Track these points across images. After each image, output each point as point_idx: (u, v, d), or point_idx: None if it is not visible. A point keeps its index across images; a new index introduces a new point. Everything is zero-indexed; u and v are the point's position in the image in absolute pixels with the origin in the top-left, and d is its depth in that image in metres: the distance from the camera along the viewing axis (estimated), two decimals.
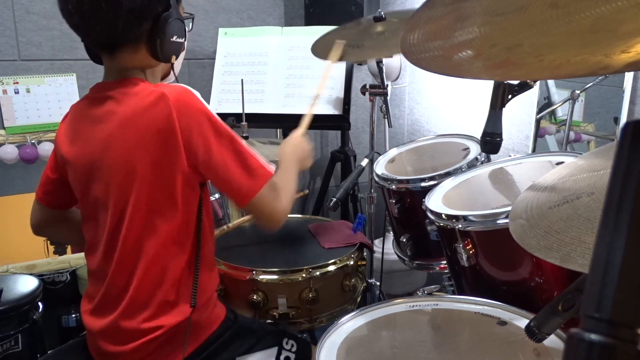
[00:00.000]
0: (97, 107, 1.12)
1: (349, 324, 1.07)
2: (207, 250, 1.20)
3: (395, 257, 1.78)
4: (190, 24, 1.23)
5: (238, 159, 1.09)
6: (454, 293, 1.39)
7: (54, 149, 1.23)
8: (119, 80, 1.12)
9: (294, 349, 1.30)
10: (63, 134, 1.18)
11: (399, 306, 1.13)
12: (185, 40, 1.17)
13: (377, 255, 2.07)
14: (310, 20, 2.56)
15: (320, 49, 1.75)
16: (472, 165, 1.54)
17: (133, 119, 1.07)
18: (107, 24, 1.04)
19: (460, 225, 1.20)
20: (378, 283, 1.95)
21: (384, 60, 1.88)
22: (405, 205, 1.60)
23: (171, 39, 1.11)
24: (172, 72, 1.23)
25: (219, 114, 1.45)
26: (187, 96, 1.08)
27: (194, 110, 1.07)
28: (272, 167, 1.16)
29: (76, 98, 2.33)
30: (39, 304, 1.72)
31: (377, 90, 1.87)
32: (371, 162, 1.75)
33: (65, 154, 1.17)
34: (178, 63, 1.20)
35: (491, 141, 1.22)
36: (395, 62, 2.30)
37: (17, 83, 2.23)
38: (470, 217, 1.19)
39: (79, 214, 1.31)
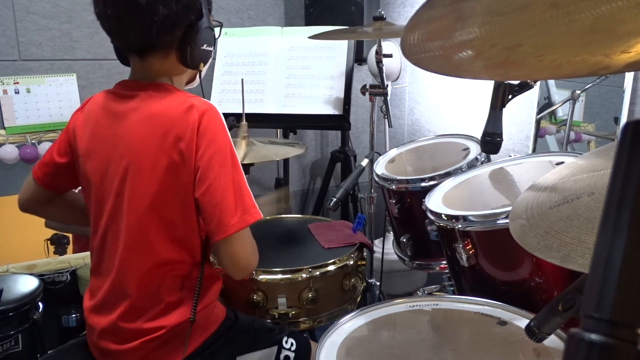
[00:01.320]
0: (122, 104, 1.13)
1: (349, 324, 1.07)
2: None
3: (395, 257, 1.78)
4: (219, 31, 1.24)
5: (237, 191, 1.09)
6: (454, 293, 1.39)
7: (65, 134, 1.22)
8: (151, 83, 1.13)
9: (293, 348, 1.30)
10: (81, 125, 1.18)
11: (399, 306, 1.13)
12: (214, 48, 1.18)
13: (377, 255, 2.07)
14: (310, 20, 2.56)
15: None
16: (472, 165, 1.54)
17: (157, 119, 1.08)
18: (142, 30, 1.06)
19: (460, 226, 1.20)
20: (378, 283, 1.95)
21: (384, 61, 1.88)
22: (405, 205, 1.60)
23: (201, 47, 1.13)
24: (197, 77, 1.25)
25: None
26: (214, 115, 1.10)
27: (216, 131, 1.08)
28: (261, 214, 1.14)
29: (76, 98, 2.33)
30: (39, 304, 1.72)
31: (377, 90, 1.87)
32: (371, 162, 1.75)
33: (81, 148, 1.16)
34: (204, 70, 1.22)
35: (491, 141, 1.22)
36: (396, 62, 2.30)
37: (18, 83, 2.23)
38: (470, 217, 1.19)
39: (70, 194, 1.32)
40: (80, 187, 1.25)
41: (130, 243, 1.11)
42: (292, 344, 1.30)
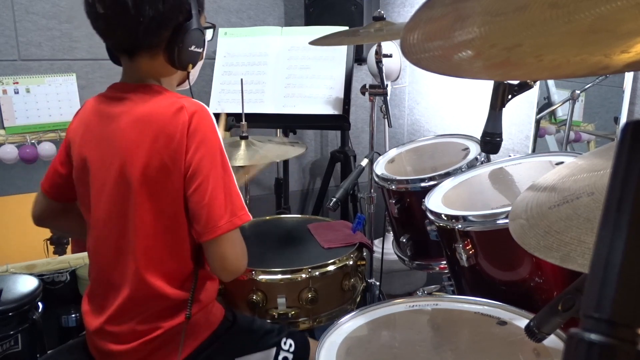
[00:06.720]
0: (112, 106, 1.13)
1: (349, 324, 1.07)
2: None
3: (395, 257, 1.78)
4: (212, 33, 1.24)
5: (227, 193, 1.08)
6: (453, 293, 1.39)
7: (65, 143, 1.23)
8: (140, 85, 1.13)
9: (292, 349, 1.30)
10: (75, 131, 1.18)
11: (399, 306, 1.13)
12: (203, 50, 1.18)
13: (377, 255, 2.07)
14: (310, 20, 2.56)
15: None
16: (472, 165, 1.54)
17: (147, 121, 1.08)
18: (128, 30, 1.06)
19: (460, 226, 1.20)
20: (378, 283, 1.95)
21: (384, 61, 1.88)
22: (405, 205, 1.60)
23: (189, 49, 1.13)
24: (187, 80, 1.24)
25: (219, 114, 1.44)
26: (204, 116, 1.09)
27: (206, 132, 1.08)
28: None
29: (76, 98, 2.33)
30: (39, 304, 1.72)
31: (377, 90, 1.87)
32: (371, 162, 1.75)
33: (76, 154, 1.17)
34: (195, 72, 1.22)
35: (491, 141, 1.22)
36: (395, 62, 2.30)
37: (17, 83, 2.23)
38: (470, 218, 1.19)
39: None
40: None
41: (123, 246, 1.11)
42: (290, 345, 1.30)
